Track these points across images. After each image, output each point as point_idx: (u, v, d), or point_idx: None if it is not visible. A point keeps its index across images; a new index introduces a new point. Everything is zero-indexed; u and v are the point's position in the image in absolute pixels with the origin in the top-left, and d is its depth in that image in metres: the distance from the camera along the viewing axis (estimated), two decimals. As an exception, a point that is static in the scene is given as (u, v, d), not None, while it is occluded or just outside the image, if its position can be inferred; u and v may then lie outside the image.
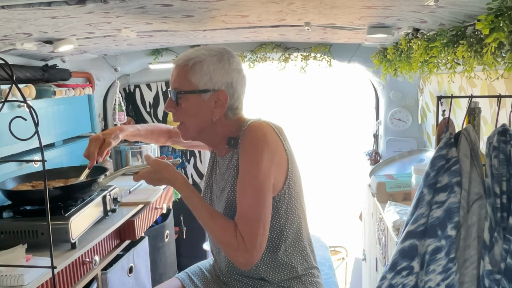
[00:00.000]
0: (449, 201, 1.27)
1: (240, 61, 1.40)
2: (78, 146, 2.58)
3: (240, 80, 1.37)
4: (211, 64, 1.32)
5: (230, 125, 1.40)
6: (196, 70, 1.32)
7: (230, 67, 1.34)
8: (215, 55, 1.33)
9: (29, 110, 0.92)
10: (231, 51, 1.39)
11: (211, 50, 1.35)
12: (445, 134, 1.33)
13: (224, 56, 1.34)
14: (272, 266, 1.41)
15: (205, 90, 1.32)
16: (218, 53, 1.34)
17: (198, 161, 3.34)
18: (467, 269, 1.27)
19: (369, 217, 2.65)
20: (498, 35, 0.95)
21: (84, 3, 1.11)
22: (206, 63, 1.32)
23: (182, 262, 3.05)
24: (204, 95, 1.33)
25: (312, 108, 8.95)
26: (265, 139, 1.31)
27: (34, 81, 2.17)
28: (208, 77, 1.32)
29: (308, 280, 1.45)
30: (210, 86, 1.32)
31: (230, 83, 1.34)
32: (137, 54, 2.87)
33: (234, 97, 1.37)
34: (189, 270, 1.68)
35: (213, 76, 1.32)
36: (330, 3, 1.30)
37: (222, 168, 1.48)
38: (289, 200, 1.39)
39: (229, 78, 1.34)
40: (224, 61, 1.34)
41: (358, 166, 3.23)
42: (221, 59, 1.33)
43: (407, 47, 1.71)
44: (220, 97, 1.34)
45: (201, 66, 1.32)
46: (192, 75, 1.32)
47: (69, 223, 1.60)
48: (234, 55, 1.38)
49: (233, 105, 1.38)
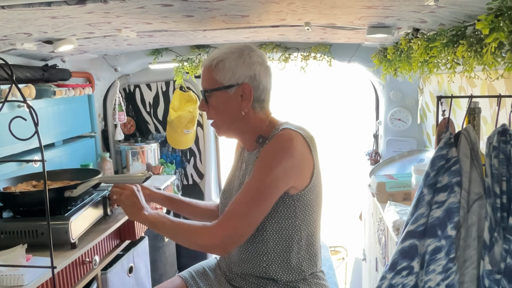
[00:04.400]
0: (449, 201, 1.27)
1: (263, 54, 1.47)
2: (78, 146, 2.59)
3: (263, 72, 1.42)
4: (233, 61, 1.40)
5: (260, 121, 1.46)
6: (219, 68, 1.40)
7: (250, 61, 1.40)
8: (235, 51, 1.41)
9: (29, 110, 0.92)
10: (252, 46, 1.45)
11: (232, 48, 1.43)
12: (445, 134, 1.33)
13: (244, 52, 1.41)
14: (283, 267, 1.43)
15: (230, 86, 1.40)
16: (238, 49, 1.42)
17: (198, 161, 3.34)
18: (467, 269, 1.27)
19: (369, 217, 2.65)
20: (498, 35, 0.95)
21: (84, 3, 1.11)
22: (228, 60, 1.40)
23: (182, 262, 3.05)
24: (230, 90, 1.41)
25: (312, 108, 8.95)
26: (289, 149, 1.35)
27: (34, 81, 2.17)
28: (231, 73, 1.39)
29: (314, 281, 1.47)
30: (234, 81, 1.40)
31: (253, 75, 1.40)
32: (137, 54, 2.87)
33: (259, 88, 1.42)
34: (192, 269, 1.68)
35: (236, 71, 1.39)
36: (330, 3, 1.30)
37: (248, 162, 1.52)
38: (307, 202, 1.41)
39: (251, 71, 1.40)
40: (245, 56, 1.40)
41: (358, 166, 3.24)
42: (241, 54, 1.40)
43: (407, 47, 1.71)
44: (245, 90, 1.40)
45: (223, 63, 1.40)
46: (216, 74, 1.41)
47: (69, 223, 1.60)
48: (254, 49, 1.44)
49: (260, 97, 1.44)
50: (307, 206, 1.42)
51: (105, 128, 3.13)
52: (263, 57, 1.45)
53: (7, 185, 1.81)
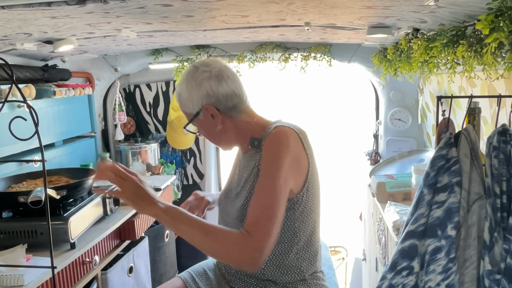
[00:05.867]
0: (449, 201, 1.27)
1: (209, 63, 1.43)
2: (78, 146, 2.58)
3: (214, 84, 1.39)
4: (185, 91, 1.42)
5: (246, 123, 1.45)
6: (182, 102, 1.45)
7: (197, 82, 1.40)
8: (183, 81, 1.43)
9: (29, 110, 0.92)
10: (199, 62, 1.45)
11: (182, 77, 1.44)
12: (445, 134, 1.33)
13: (190, 76, 1.42)
14: (281, 268, 1.42)
15: (197, 113, 1.42)
16: (186, 76, 1.43)
17: (198, 161, 3.34)
18: (467, 269, 1.27)
19: (369, 217, 2.65)
20: (498, 35, 0.95)
21: (84, 3, 1.11)
22: (182, 92, 1.43)
23: (182, 262, 3.05)
24: (200, 116, 1.43)
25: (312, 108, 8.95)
26: (287, 144, 1.34)
27: (34, 81, 2.17)
28: (190, 102, 1.42)
29: (313, 282, 1.46)
30: (196, 107, 1.42)
31: (206, 93, 1.40)
32: (137, 54, 2.87)
33: (219, 100, 1.40)
34: (192, 269, 1.68)
35: (192, 99, 1.41)
36: (330, 3, 1.30)
37: (242, 165, 1.50)
38: (306, 204, 1.39)
39: (202, 91, 1.40)
40: (191, 80, 1.41)
41: (358, 166, 3.23)
42: (189, 80, 1.41)
43: (407, 47, 1.71)
44: (209, 110, 1.41)
45: (181, 97, 1.44)
46: (183, 107, 1.46)
47: (68, 223, 1.60)
48: (199, 65, 1.43)
49: (227, 105, 1.42)
50: (305, 207, 1.40)
51: (105, 128, 3.13)
52: (210, 66, 1.41)
53: (7, 184, 1.81)
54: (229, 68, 1.44)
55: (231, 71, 1.44)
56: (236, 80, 1.43)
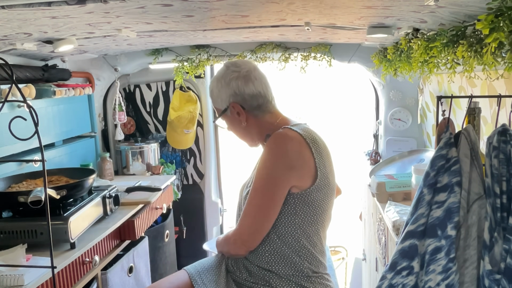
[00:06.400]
0: (449, 201, 1.27)
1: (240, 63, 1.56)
2: (78, 146, 2.58)
3: (241, 84, 1.51)
4: (215, 88, 1.55)
5: (269, 124, 1.55)
6: (213, 98, 1.59)
7: (226, 81, 1.52)
8: (215, 78, 1.56)
9: (29, 110, 0.92)
10: (230, 62, 1.59)
11: (215, 75, 1.58)
12: (445, 134, 1.33)
13: (220, 75, 1.54)
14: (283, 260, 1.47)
15: (225, 109, 1.55)
16: (218, 74, 1.56)
17: (198, 161, 3.34)
18: (467, 269, 1.27)
19: (369, 217, 2.65)
20: (498, 35, 0.95)
21: (84, 3, 1.11)
22: (213, 89, 1.56)
23: (182, 262, 3.05)
24: (227, 112, 1.56)
25: (312, 108, 8.95)
26: (282, 148, 1.43)
27: (34, 81, 2.16)
28: (220, 99, 1.55)
29: (317, 281, 1.49)
30: (224, 104, 1.54)
31: (233, 92, 1.51)
32: (137, 54, 2.87)
33: (245, 99, 1.52)
34: (198, 263, 1.68)
35: (221, 96, 1.54)
36: (330, 3, 1.30)
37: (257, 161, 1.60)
38: (311, 202, 1.45)
39: (230, 90, 1.52)
40: (222, 79, 1.53)
41: (358, 166, 3.23)
42: (220, 78, 1.54)
43: (407, 47, 1.71)
44: (235, 108, 1.53)
45: (213, 93, 1.58)
46: (214, 103, 1.60)
47: (68, 223, 1.60)
48: (230, 65, 1.56)
49: (252, 105, 1.53)
50: (309, 205, 1.44)
51: (105, 128, 3.13)
52: (239, 67, 1.53)
53: (7, 184, 1.81)
54: (258, 70, 1.55)
55: (260, 73, 1.55)
56: (263, 82, 1.54)
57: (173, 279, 1.62)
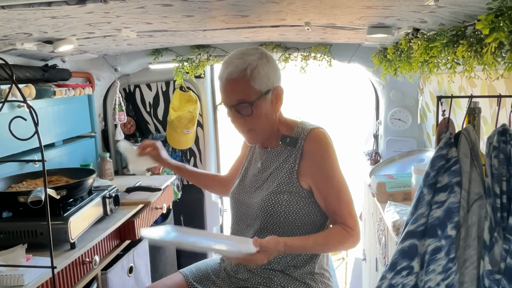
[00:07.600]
0: (449, 201, 1.27)
1: None
2: (78, 146, 2.58)
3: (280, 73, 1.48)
4: (264, 66, 1.38)
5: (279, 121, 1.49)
6: (255, 76, 1.37)
7: (274, 63, 1.44)
8: (261, 57, 1.40)
9: (29, 110, 0.92)
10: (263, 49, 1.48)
11: (253, 54, 1.40)
12: (445, 134, 1.33)
13: (268, 55, 1.43)
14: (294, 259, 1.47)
15: (267, 91, 1.40)
16: (261, 54, 1.41)
17: (198, 161, 3.34)
18: (467, 269, 1.27)
19: (369, 217, 2.65)
20: (498, 35, 0.95)
21: (84, 3, 1.11)
22: (261, 66, 1.38)
23: (182, 262, 3.05)
24: (268, 96, 1.41)
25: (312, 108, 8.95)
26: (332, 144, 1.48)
27: (34, 81, 2.16)
28: (267, 79, 1.39)
29: (319, 279, 1.50)
30: (270, 86, 1.40)
31: (279, 76, 1.45)
32: (137, 54, 2.87)
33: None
34: (194, 267, 1.68)
35: (269, 76, 1.40)
36: (330, 3, 1.30)
37: (266, 160, 1.53)
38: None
39: (278, 72, 1.44)
40: (269, 60, 1.42)
41: (358, 166, 3.23)
42: (267, 58, 1.41)
43: (407, 47, 1.71)
44: (279, 92, 1.43)
45: (258, 71, 1.37)
46: (254, 82, 1.37)
47: (68, 223, 1.60)
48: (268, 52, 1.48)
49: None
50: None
51: (105, 128, 3.13)
52: None
53: (7, 184, 1.81)
54: None
55: None
56: None
57: (168, 281, 1.62)
